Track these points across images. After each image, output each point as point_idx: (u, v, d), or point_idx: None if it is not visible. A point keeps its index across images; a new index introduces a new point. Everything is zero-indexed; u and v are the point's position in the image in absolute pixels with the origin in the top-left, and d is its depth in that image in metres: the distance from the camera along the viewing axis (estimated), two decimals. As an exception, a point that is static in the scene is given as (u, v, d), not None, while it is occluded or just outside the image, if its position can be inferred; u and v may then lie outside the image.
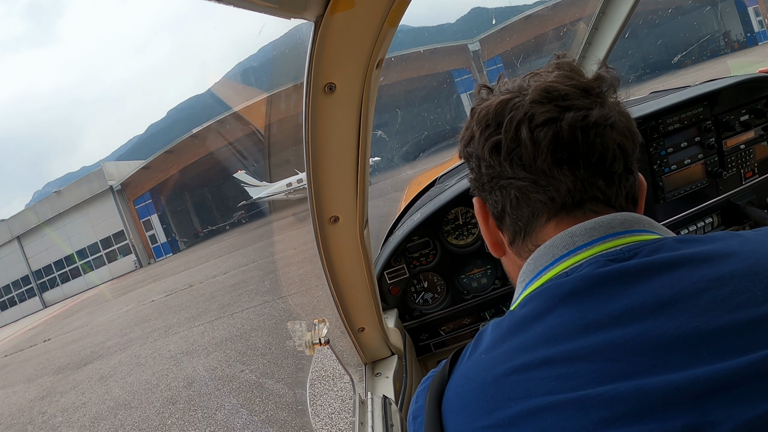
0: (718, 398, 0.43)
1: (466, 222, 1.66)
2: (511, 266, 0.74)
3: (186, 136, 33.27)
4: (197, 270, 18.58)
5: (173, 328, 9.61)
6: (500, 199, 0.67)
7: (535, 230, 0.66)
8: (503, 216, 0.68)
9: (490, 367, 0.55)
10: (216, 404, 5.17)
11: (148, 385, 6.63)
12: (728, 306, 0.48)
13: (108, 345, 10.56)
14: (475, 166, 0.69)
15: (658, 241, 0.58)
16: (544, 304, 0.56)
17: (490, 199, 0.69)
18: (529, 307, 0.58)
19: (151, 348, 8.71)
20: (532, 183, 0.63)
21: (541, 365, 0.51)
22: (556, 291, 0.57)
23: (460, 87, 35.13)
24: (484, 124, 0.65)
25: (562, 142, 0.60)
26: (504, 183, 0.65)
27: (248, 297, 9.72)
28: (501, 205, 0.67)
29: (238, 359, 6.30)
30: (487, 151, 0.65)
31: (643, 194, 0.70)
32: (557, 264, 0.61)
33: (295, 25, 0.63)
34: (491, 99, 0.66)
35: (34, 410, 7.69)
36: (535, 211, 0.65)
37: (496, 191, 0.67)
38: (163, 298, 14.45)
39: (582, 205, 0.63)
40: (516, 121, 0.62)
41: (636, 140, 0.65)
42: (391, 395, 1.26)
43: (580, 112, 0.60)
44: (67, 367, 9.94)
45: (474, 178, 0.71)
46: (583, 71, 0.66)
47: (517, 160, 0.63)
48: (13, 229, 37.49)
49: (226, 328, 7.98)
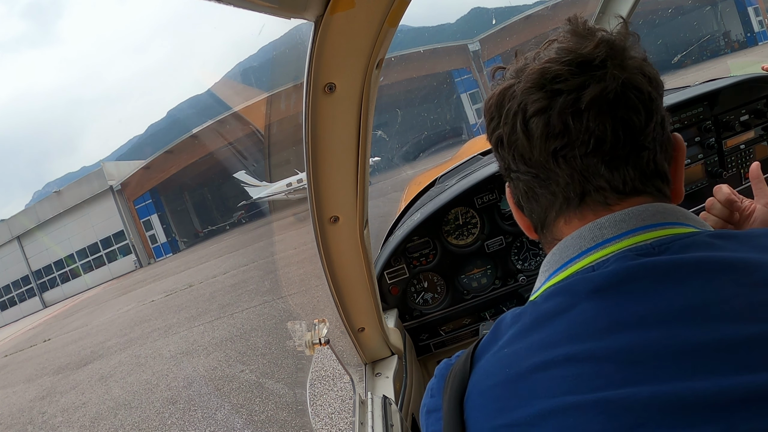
0: (746, 411, 0.42)
1: (466, 222, 1.66)
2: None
3: (186, 136, 33.27)
4: (197, 270, 18.58)
5: (173, 328, 9.61)
6: (515, 191, 0.67)
7: (548, 225, 0.64)
8: (522, 207, 0.68)
9: (512, 363, 0.54)
10: (216, 404, 5.17)
11: (148, 385, 6.63)
12: (760, 315, 0.45)
13: (108, 345, 10.55)
14: (499, 155, 0.67)
15: (691, 236, 0.55)
16: (569, 299, 0.54)
17: (512, 188, 0.68)
18: (554, 302, 0.55)
19: (151, 348, 8.71)
20: (534, 177, 0.61)
21: (563, 363, 0.50)
22: (581, 286, 0.54)
23: (460, 87, 35.12)
24: (489, 117, 0.64)
25: (553, 132, 0.56)
26: (513, 176, 0.64)
27: (248, 297, 9.72)
28: (516, 197, 0.67)
29: (238, 359, 6.30)
30: (494, 144, 0.64)
31: (680, 158, 0.64)
32: (584, 257, 0.58)
33: (295, 25, 0.63)
34: (496, 87, 0.63)
35: (34, 410, 7.69)
36: (544, 207, 0.63)
37: (512, 183, 0.66)
38: (163, 298, 14.45)
39: (584, 199, 0.60)
40: (512, 113, 0.59)
41: (653, 105, 0.58)
42: (391, 395, 1.26)
43: (570, 96, 0.56)
44: (67, 367, 9.93)
45: (501, 166, 0.69)
46: (598, 35, 0.59)
47: (517, 154, 0.60)
48: (13, 229, 37.48)
49: (226, 328, 7.98)
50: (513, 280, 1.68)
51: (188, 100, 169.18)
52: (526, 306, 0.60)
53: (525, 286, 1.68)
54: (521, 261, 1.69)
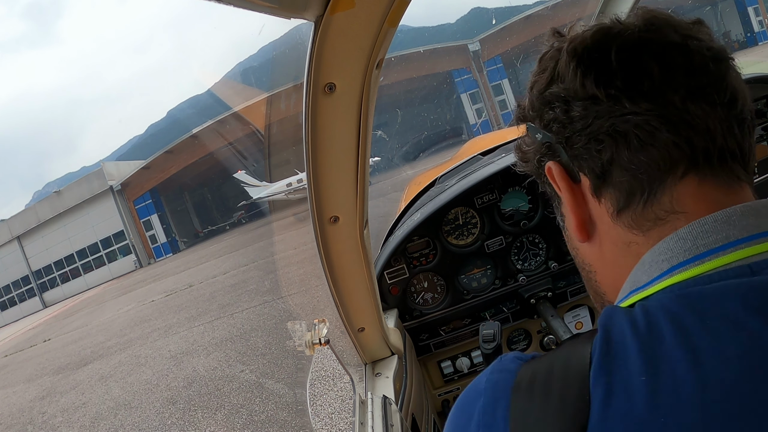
0: None
1: (466, 222, 1.66)
2: (599, 253, 0.55)
3: (186, 136, 33.26)
4: (197, 270, 18.57)
5: (173, 328, 9.61)
6: (607, 147, 0.49)
7: (666, 187, 0.48)
8: (607, 173, 0.50)
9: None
10: (216, 404, 5.17)
11: (148, 385, 6.63)
12: None
13: (108, 345, 10.55)
14: (559, 115, 0.52)
15: None
16: (722, 322, 0.38)
17: (583, 156, 0.51)
18: (700, 322, 0.39)
19: (151, 348, 8.71)
20: (659, 118, 0.47)
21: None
22: (738, 298, 0.39)
23: (460, 87, 35.09)
24: (581, 56, 0.51)
25: (695, 68, 0.47)
26: (616, 123, 0.48)
27: (248, 297, 9.72)
28: (609, 155, 0.49)
29: (238, 359, 6.30)
30: (591, 84, 0.49)
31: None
32: (730, 250, 0.43)
33: (295, 25, 0.63)
34: (579, 33, 0.53)
35: (34, 410, 7.69)
36: (666, 158, 0.47)
37: (600, 139, 0.49)
38: (163, 298, 14.45)
39: (725, 161, 0.47)
40: (629, 46, 0.49)
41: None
42: (391, 395, 1.26)
43: (703, 42, 0.49)
44: (67, 367, 9.93)
45: (555, 131, 0.53)
46: None
47: (636, 90, 0.47)
48: (13, 229, 37.48)
49: (226, 328, 7.98)
50: (513, 280, 1.68)
51: (188, 100, 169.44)
52: (635, 329, 0.42)
53: (525, 286, 1.68)
54: (521, 261, 1.69)
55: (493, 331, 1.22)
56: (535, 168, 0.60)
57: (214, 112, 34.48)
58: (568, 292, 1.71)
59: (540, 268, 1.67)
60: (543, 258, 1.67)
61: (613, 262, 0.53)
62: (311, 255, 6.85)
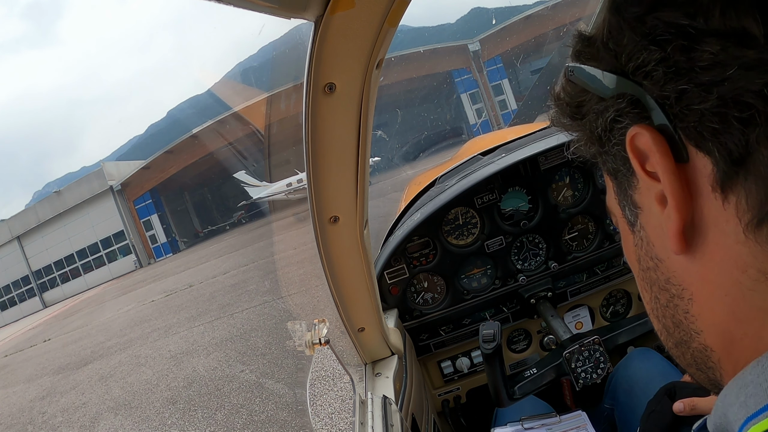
0: None
1: (466, 222, 1.66)
2: (702, 274, 0.36)
3: (186, 136, 33.29)
4: (197, 270, 18.58)
5: (173, 328, 9.61)
6: (757, 117, 0.29)
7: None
8: (749, 158, 0.30)
9: None
10: (216, 404, 5.17)
11: (148, 385, 6.63)
12: None
13: (108, 345, 10.56)
14: (672, 55, 0.32)
15: None
16: None
17: (708, 126, 0.31)
18: None
19: (151, 348, 8.71)
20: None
21: None
22: None
23: (460, 87, 35.11)
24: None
25: None
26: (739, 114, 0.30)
27: (248, 297, 9.72)
28: (759, 130, 0.29)
29: (238, 359, 6.30)
30: (742, 13, 0.30)
31: None
32: None
33: (295, 25, 0.63)
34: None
35: (34, 410, 7.69)
36: None
37: (746, 102, 0.30)
38: (163, 298, 14.45)
39: None
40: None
41: None
42: (391, 395, 1.26)
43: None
44: (67, 367, 9.94)
45: (655, 80, 0.33)
46: None
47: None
48: (13, 229, 37.49)
49: (226, 328, 7.98)
50: (513, 280, 1.68)
51: (188, 100, 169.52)
52: None
53: (525, 286, 1.68)
54: (521, 261, 1.69)
55: (493, 331, 1.22)
56: (597, 132, 0.39)
57: (214, 112, 34.53)
58: (568, 292, 1.71)
59: (540, 268, 1.67)
60: (543, 258, 1.67)
61: (731, 293, 0.34)
62: (311, 255, 6.85)
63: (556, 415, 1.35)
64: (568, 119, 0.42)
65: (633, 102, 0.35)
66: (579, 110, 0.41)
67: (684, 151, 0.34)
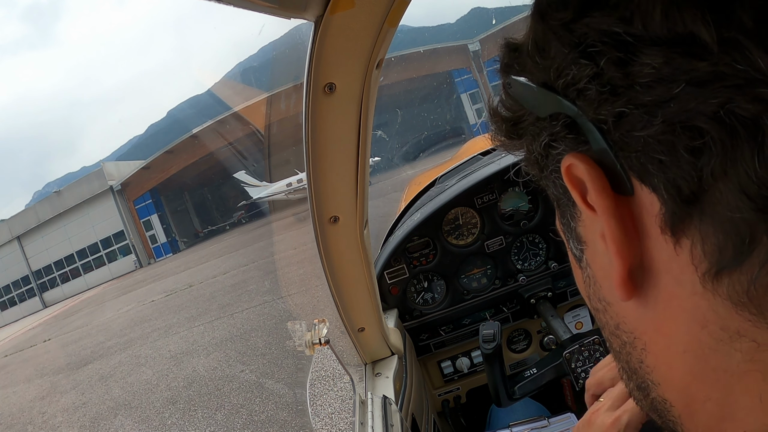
0: None
1: (466, 222, 1.66)
2: (653, 321, 0.31)
3: (186, 136, 33.30)
4: (197, 270, 18.58)
5: (173, 328, 9.61)
6: (712, 145, 0.23)
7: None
8: (705, 196, 0.24)
9: None
10: (216, 404, 5.17)
11: (148, 385, 6.63)
12: None
13: (108, 345, 10.56)
14: (605, 70, 0.26)
15: None
16: None
17: (654, 156, 0.25)
18: None
19: (151, 348, 8.72)
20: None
21: None
22: None
23: (460, 87, 35.11)
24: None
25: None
26: (736, 99, 0.22)
27: (248, 297, 9.72)
28: (714, 161, 0.23)
29: (238, 359, 6.30)
30: (688, 16, 0.23)
31: None
32: None
33: (295, 25, 0.64)
34: None
35: (34, 410, 7.69)
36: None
37: (697, 127, 0.23)
38: (163, 298, 14.45)
39: None
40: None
41: None
42: (391, 395, 1.26)
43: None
44: (67, 367, 9.94)
45: (589, 99, 0.27)
46: None
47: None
48: (13, 229, 37.50)
49: (226, 328, 7.98)
50: (513, 280, 1.68)
51: (188, 100, 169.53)
52: None
53: (525, 286, 1.68)
54: (521, 261, 1.69)
55: (493, 331, 1.22)
56: (534, 156, 0.34)
57: (214, 112, 34.56)
58: (568, 292, 1.71)
59: (540, 268, 1.67)
60: (543, 258, 1.67)
61: (690, 350, 0.29)
62: (311, 255, 6.85)
63: (544, 418, 1.35)
64: (505, 137, 0.37)
65: (568, 125, 0.30)
66: (516, 129, 0.35)
67: (628, 183, 0.28)
